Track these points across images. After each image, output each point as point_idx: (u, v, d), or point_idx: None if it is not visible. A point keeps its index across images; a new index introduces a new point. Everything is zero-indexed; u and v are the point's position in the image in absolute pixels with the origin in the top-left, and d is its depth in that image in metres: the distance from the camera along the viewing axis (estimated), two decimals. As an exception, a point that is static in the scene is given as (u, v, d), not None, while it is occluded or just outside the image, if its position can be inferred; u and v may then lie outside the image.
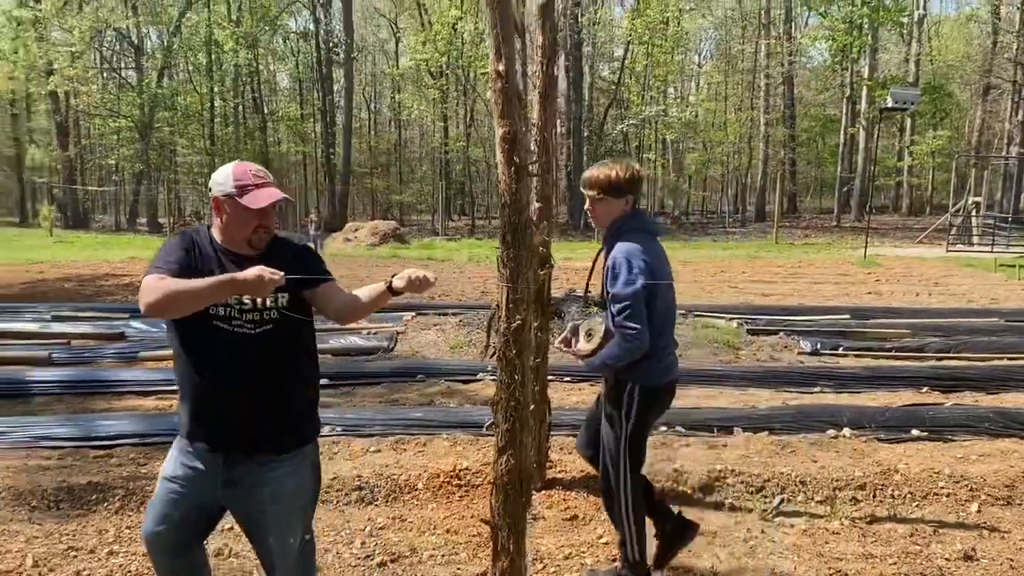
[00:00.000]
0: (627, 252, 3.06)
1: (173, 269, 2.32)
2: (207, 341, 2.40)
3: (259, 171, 2.56)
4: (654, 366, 3.14)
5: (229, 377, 2.43)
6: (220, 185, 2.48)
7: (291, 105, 51.50)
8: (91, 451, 5.08)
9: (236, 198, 2.45)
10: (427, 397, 6.55)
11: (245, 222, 2.47)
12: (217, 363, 2.42)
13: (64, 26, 39.81)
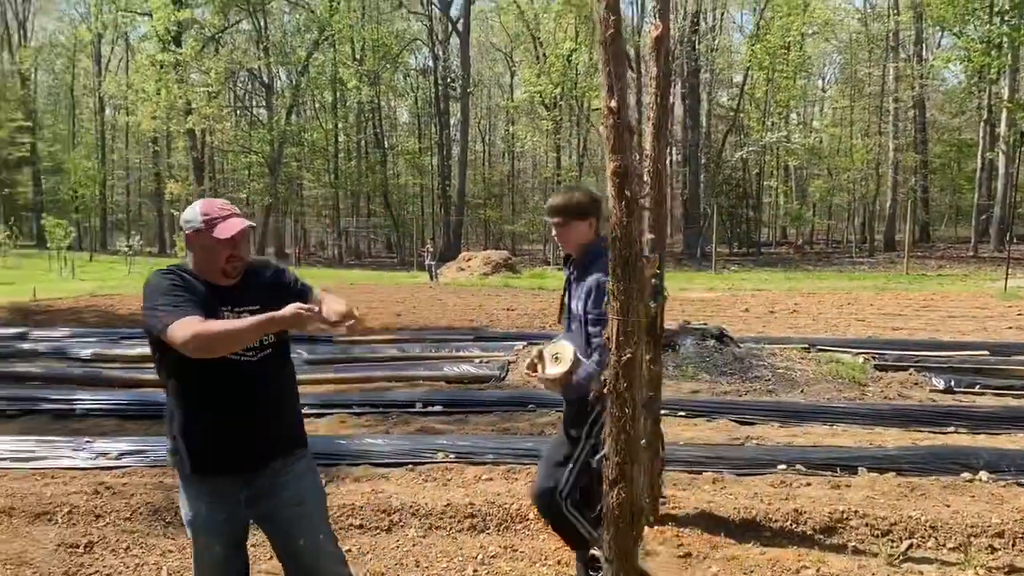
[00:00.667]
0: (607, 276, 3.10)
1: (196, 305, 2.45)
2: (217, 373, 2.49)
3: (225, 204, 2.67)
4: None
5: (243, 405, 2.55)
6: (189, 222, 2.60)
7: (410, 139, 53.21)
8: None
9: (206, 231, 2.56)
10: (538, 427, 6.57)
11: (217, 253, 2.58)
12: (230, 393, 2.53)
13: (202, 68, 42.62)
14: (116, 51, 57.39)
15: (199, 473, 2.57)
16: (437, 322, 13.30)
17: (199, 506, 2.59)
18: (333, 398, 7.36)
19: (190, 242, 2.62)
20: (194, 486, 2.60)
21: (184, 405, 2.55)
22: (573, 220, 3.32)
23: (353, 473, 5.27)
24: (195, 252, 2.63)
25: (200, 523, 2.60)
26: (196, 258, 2.63)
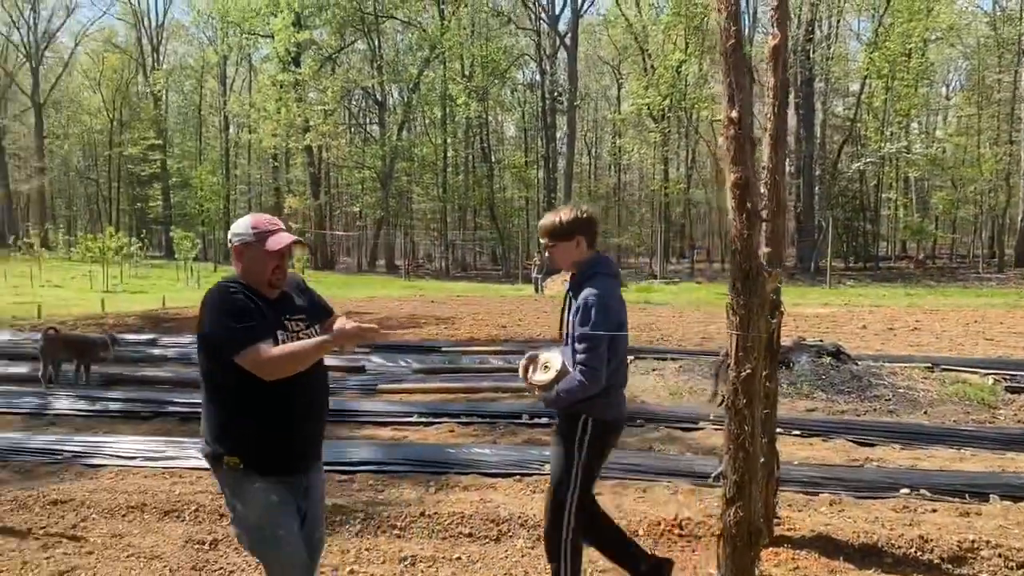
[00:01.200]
0: (597, 296, 3.19)
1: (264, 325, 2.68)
2: (289, 379, 2.67)
3: (273, 219, 2.87)
4: (607, 402, 3.28)
5: (308, 404, 2.81)
6: (240, 235, 2.79)
7: (516, 153, 53.72)
8: (336, 475, 5.51)
9: (256, 244, 2.76)
10: (646, 443, 6.49)
11: (265, 265, 2.78)
12: (296, 394, 2.73)
13: (319, 87, 44.32)
14: (240, 72, 60.38)
15: (273, 473, 2.75)
16: (543, 334, 13.32)
17: (269, 496, 2.74)
18: (441, 407, 7.48)
19: (240, 254, 2.81)
20: (262, 483, 2.73)
21: (247, 409, 2.70)
22: (560, 241, 3.37)
23: (462, 482, 5.34)
24: (244, 264, 2.81)
25: (274, 510, 2.74)
26: (245, 269, 2.81)
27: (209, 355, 2.72)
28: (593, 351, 3.14)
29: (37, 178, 55.08)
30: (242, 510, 2.75)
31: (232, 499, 2.77)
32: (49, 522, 4.65)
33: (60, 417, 7.41)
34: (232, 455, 2.71)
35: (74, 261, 32.71)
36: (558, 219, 3.37)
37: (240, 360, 2.60)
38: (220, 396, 2.75)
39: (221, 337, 2.64)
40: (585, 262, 3.37)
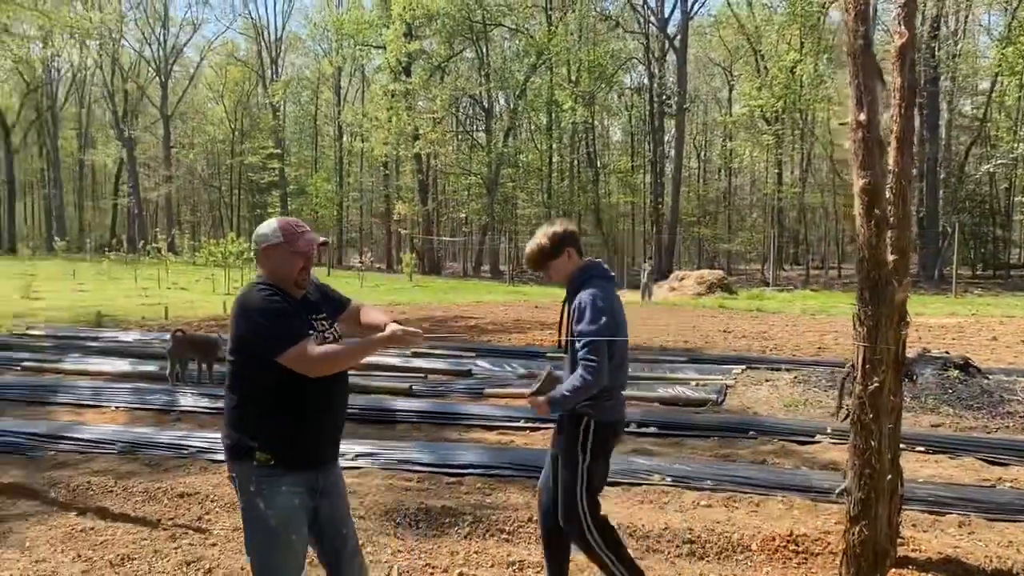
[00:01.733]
0: (591, 295, 3.31)
1: (303, 324, 2.81)
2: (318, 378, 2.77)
3: (300, 222, 2.97)
4: (608, 403, 3.36)
5: (333, 399, 2.90)
6: (267, 237, 2.88)
7: (622, 157, 53.32)
8: (444, 477, 5.60)
9: (285, 245, 2.86)
10: (759, 455, 6.31)
11: (292, 266, 2.87)
12: (326, 390, 2.82)
13: (428, 96, 45.24)
14: (354, 82, 62.34)
15: (299, 469, 2.81)
16: (649, 342, 13.16)
17: (292, 499, 2.78)
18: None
19: (267, 256, 2.89)
20: (288, 481, 2.78)
21: (285, 406, 2.77)
22: (550, 262, 3.50)
23: (569, 489, 5.33)
24: (271, 265, 2.90)
25: (294, 514, 2.79)
26: (272, 271, 2.90)
27: (251, 355, 2.76)
28: (591, 346, 3.22)
29: (164, 186, 58.31)
30: (264, 509, 2.76)
31: (255, 497, 2.77)
32: (176, 514, 4.90)
33: (185, 414, 7.80)
34: (264, 451, 2.75)
35: (198, 265, 34.43)
36: (542, 243, 3.50)
37: (284, 358, 2.68)
38: (256, 394, 2.79)
39: (265, 337, 2.72)
40: (579, 269, 3.49)
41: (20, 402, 8.22)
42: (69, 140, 63.32)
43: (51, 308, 18.60)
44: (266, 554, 2.81)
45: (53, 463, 5.97)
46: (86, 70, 58.12)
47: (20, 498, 5.20)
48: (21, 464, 5.98)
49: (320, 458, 2.90)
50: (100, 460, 6.02)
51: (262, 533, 2.79)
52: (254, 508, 2.78)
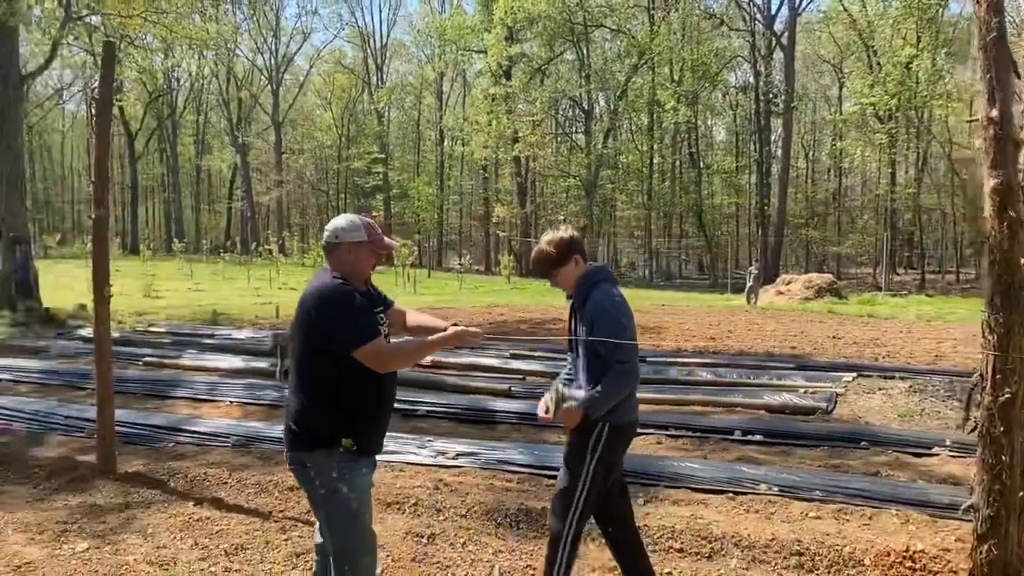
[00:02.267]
0: (605, 299, 3.35)
1: (377, 322, 3.00)
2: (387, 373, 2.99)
3: (372, 221, 3.14)
4: (622, 406, 3.34)
5: (393, 392, 3.11)
6: (351, 233, 3.04)
7: (726, 158, 52.19)
8: (544, 479, 5.60)
9: (368, 244, 3.05)
10: (872, 467, 6.05)
11: (368, 263, 3.09)
12: (389, 382, 3.02)
13: (528, 99, 45.42)
14: (455, 87, 63.28)
15: (371, 453, 3.03)
16: (754, 347, 12.83)
17: (366, 481, 3.00)
18: (648, 418, 7.36)
19: (349, 252, 3.03)
20: (363, 464, 2.98)
21: (368, 396, 2.94)
22: (556, 269, 3.49)
23: (671, 496, 5.24)
24: (348, 261, 3.04)
25: (366, 492, 3.00)
26: (347, 267, 3.03)
27: (327, 348, 2.87)
28: (625, 351, 3.26)
29: (275, 190, 60.53)
30: (347, 493, 2.90)
31: (337, 482, 2.89)
32: (287, 506, 5.08)
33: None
34: (348, 438, 2.90)
35: (307, 266, 35.68)
36: (548, 251, 3.49)
37: (360, 353, 2.83)
38: (334, 385, 2.91)
39: (346, 332, 2.85)
40: (585, 275, 3.49)
41: (142, 395, 8.69)
42: (187, 146, 66.60)
43: (170, 306, 19.61)
44: (351, 536, 2.97)
45: (173, 454, 6.28)
46: (203, 79, 60.93)
47: (143, 486, 5.49)
48: (144, 454, 6.31)
49: (382, 444, 3.12)
50: (215, 452, 6.30)
51: (345, 516, 2.94)
52: (336, 493, 2.90)
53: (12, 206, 16.34)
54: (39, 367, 10.18)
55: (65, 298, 18.94)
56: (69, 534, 4.59)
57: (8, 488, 5.61)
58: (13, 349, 12.21)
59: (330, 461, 2.90)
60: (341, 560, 2.97)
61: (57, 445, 6.74)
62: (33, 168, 56.12)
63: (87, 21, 19.64)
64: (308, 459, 2.94)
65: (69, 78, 61.04)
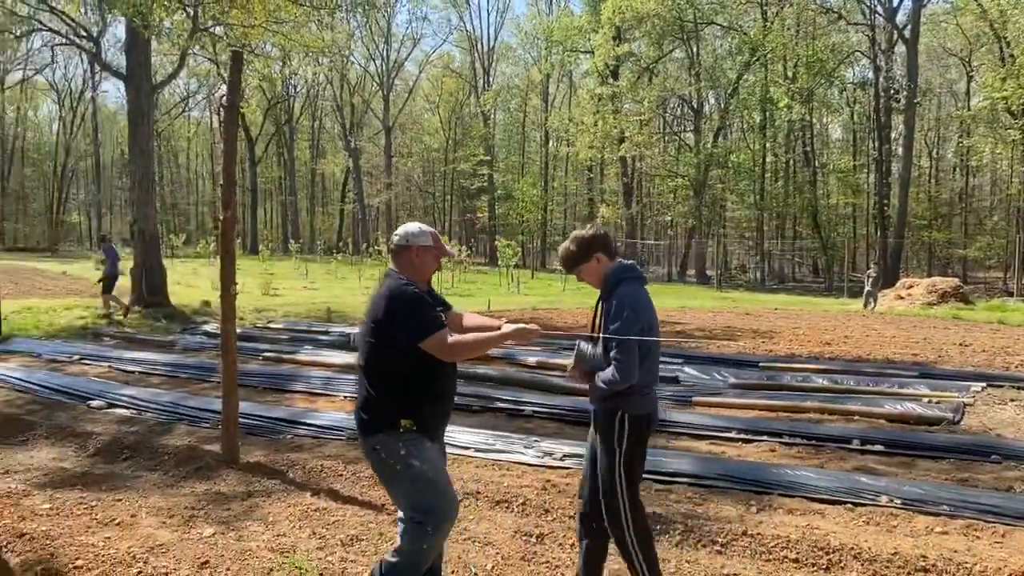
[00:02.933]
0: (626, 298, 3.48)
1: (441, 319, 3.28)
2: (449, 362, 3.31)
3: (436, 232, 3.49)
4: (640, 398, 3.51)
5: (454, 382, 3.43)
6: (420, 239, 3.38)
7: (843, 156, 50.19)
8: (653, 484, 5.52)
9: (433, 249, 3.41)
10: (1004, 481, 5.68)
11: (431, 267, 3.46)
12: (450, 375, 3.34)
13: (636, 98, 44.96)
14: (560, 88, 63.33)
15: (433, 432, 3.30)
16: (873, 354, 12.28)
17: (433, 454, 3.27)
18: (761, 424, 7.17)
19: (416, 255, 3.38)
20: (427, 443, 3.24)
21: (430, 385, 3.23)
22: (579, 266, 3.65)
23: (786, 504, 5.07)
24: (413, 264, 3.38)
25: (437, 463, 3.29)
26: (412, 269, 3.38)
27: (395, 342, 3.17)
28: (625, 351, 3.39)
29: (385, 193, 62.10)
30: (419, 466, 3.17)
31: (409, 458, 3.17)
32: (399, 500, 5.19)
33: (405, 406, 8.24)
34: (406, 419, 3.18)
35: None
36: (571, 248, 3.65)
37: (427, 344, 3.14)
38: (397, 373, 3.20)
39: (414, 326, 3.16)
40: (611, 271, 3.61)
41: (262, 389, 9.06)
42: (303, 151, 69.19)
43: (287, 304, 20.39)
44: (431, 501, 3.19)
45: (291, 446, 6.52)
46: (318, 86, 63.17)
47: (264, 476, 5.72)
48: (264, 445, 6.58)
49: (443, 432, 3.43)
50: (331, 445, 6.49)
51: (422, 483, 3.19)
52: (409, 467, 3.18)
53: (144, 208, 17.36)
54: (167, 360, 10.77)
55: (190, 295, 19.99)
56: (196, 519, 4.83)
57: (140, 474, 5.95)
58: (143, 343, 12.97)
59: (395, 441, 3.18)
60: (425, 521, 3.16)
61: (184, 434, 7.10)
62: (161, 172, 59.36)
63: (212, 32, 20.63)
64: (376, 442, 3.23)
65: (194, 87, 64.51)
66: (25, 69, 60.21)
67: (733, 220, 51.18)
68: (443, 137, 65.85)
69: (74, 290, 23.12)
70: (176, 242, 43.92)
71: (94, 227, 66.28)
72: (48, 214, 61.80)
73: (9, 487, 5.48)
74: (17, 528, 4.55)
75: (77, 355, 11.32)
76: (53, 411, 7.98)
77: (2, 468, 6.11)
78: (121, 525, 4.72)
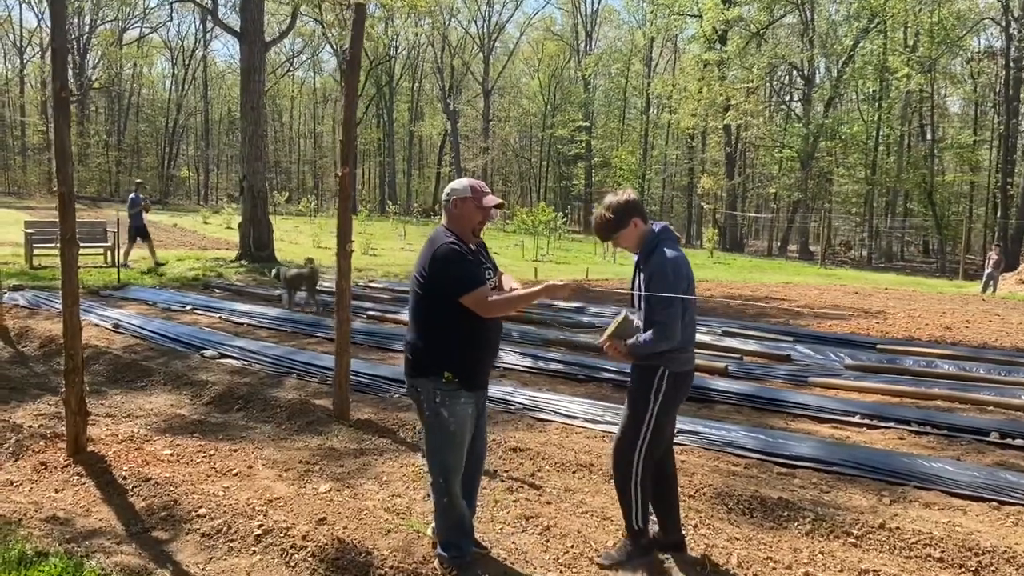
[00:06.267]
0: (665, 260, 3.54)
1: (485, 276, 3.43)
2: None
3: (483, 183, 3.59)
4: (680, 356, 3.60)
5: (497, 336, 3.58)
6: (460, 191, 3.52)
7: (963, 131, 47.40)
8: (774, 467, 5.25)
9: (472, 199, 3.51)
10: None
11: (473, 218, 3.52)
12: (492, 327, 3.50)
13: (744, 65, 43.40)
14: (664, 53, 61.77)
15: (471, 389, 3.46)
16: (1000, 341, 11.52)
17: (466, 410, 3.46)
18: (886, 410, 6.75)
19: (456, 207, 3.51)
20: (466, 397, 3.45)
21: (470, 337, 3.40)
22: (616, 232, 3.66)
23: (922, 497, 4.73)
24: (457, 216, 3.52)
25: (465, 422, 3.46)
26: (456, 222, 3.52)
27: (439, 294, 3.36)
28: (666, 310, 3.45)
29: (482, 157, 62.19)
30: (447, 417, 3.40)
31: (440, 407, 3.41)
32: (511, 467, 5.08)
33: (508, 371, 8.15)
34: (449, 371, 3.39)
35: (508, 232, 36.33)
36: (606, 215, 3.64)
37: (467, 299, 3.30)
38: (442, 326, 3.40)
39: (455, 280, 3.32)
40: (647, 235, 3.64)
41: (368, 347, 9.13)
42: (402, 113, 69.75)
43: (386, 264, 20.64)
44: (446, 453, 3.47)
45: (398, 405, 6.50)
46: (419, 47, 63.41)
47: (374, 434, 5.71)
48: (371, 403, 6.59)
49: (485, 382, 3.60)
50: (438, 407, 6.45)
51: (443, 436, 3.45)
52: (438, 416, 3.43)
53: (254, 163, 17.75)
54: (274, 314, 10.99)
55: (293, 252, 20.45)
56: (312, 474, 4.84)
57: (254, 425, 6.04)
58: (251, 296, 13.30)
59: (434, 387, 3.42)
60: (438, 472, 3.48)
61: (293, 388, 7.19)
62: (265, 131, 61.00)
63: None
64: (418, 384, 3.49)
65: (299, 46, 65.67)
66: (142, 27, 62.54)
67: (840, 195, 49.10)
68: (542, 102, 65.23)
69: (185, 242, 24.00)
70: (280, 199, 45.03)
71: (202, 182, 68.77)
72: (160, 168, 64.35)
73: (132, 431, 5.64)
74: (142, 472, 4.66)
75: (189, 305, 11.69)
76: (169, 359, 8.23)
77: (125, 412, 6.32)
78: (239, 475, 4.77)
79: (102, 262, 16.31)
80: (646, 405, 3.60)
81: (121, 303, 11.88)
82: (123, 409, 6.41)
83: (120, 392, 6.98)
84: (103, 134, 61.23)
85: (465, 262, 3.36)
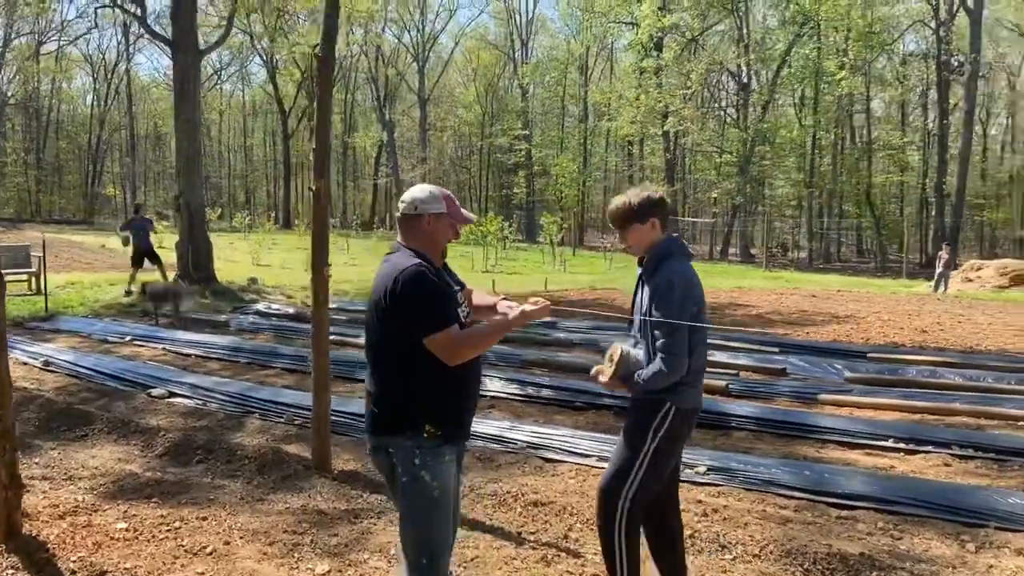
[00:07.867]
0: (676, 277, 3.12)
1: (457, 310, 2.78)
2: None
3: (452, 194, 2.94)
4: (690, 391, 3.15)
5: (479, 378, 2.97)
6: (429, 205, 2.85)
7: (893, 133, 48.42)
8: (827, 508, 4.63)
9: (447, 216, 2.87)
10: None
11: (446, 236, 2.91)
12: (475, 369, 2.86)
13: (681, 71, 43.54)
14: (599, 62, 61.80)
15: (456, 441, 2.82)
16: (983, 344, 11.25)
17: (450, 469, 2.78)
18: (922, 431, 6.18)
19: (427, 224, 2.83)
20: (446, 453, 2.76)
21: (455, 379, 2.72)
22: (632, 224, 3.24)
23: (1009, 541, 4.17)
24: (428, 231, 2.84)
25: (449, 484, 2.77)
26: (424, 241, 2.84)
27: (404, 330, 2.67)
28: (674, 336, 3.02)
29: (419, 167, 61.21)
30: (429, 481, 2.71)
31: (420, 470, 2.71)
32: (537, 528, 4.33)
33: (497, 400, 7.40)
34: (431, 424, 2.71)
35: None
36: (631, 201, 3.23)
37: (430, 341, 2.63)
38: (416, 369, 2.70)
39: (420, 320, 2.65)
40: (659, 244, 3.24)
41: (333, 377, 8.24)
42: (335, 124, 68.29)
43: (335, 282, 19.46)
44: (430, 525, 2.76)
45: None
46: (352, 58, 62.16)
47: (364, 490, 4.93)
48: (350, 447, 5.84)
49: (469, 431, 2.92)
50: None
51: (426, 505, 2.73)
52: (418, 480, 2.71)
53: (191, 178, 16.63)
54: (224, 343, 10.04)
55: (233, 271, 19.30)
56: (302, 548, 4.02)
57: (220, 482, 5.16)
58: (196, 322, 12.23)
59: (412, 446, 2.71)
60: (419, 552, 2.75)
61: (257, 431, 6.36)
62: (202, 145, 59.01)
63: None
64: (390, 444, 2.76)
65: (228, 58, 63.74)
66: (60, 40, 59.80)
67: (775, 198, 49.63)
68: (479, 110, 64.63)
69: (115, 264, 22.51)
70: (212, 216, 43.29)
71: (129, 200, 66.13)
72: (84, 187, 61.59)
73: (76, 499, 4.72)
74: (95, 562, 3.76)
75: (128, 335, 10.65)
76: (111, 400, 7.29)
77: (64, 471, 5.36)
78: (215, 555, 3.92)
79: (26, 289, 14.99)
80: (643, 441, 3.13)
81: (50, 336, 10.76)
82: (62, 468, 5.44)
83: (56, 446, 5.98)
84: (21, 152, 58.30)
85: (434, 296, 2.70)
